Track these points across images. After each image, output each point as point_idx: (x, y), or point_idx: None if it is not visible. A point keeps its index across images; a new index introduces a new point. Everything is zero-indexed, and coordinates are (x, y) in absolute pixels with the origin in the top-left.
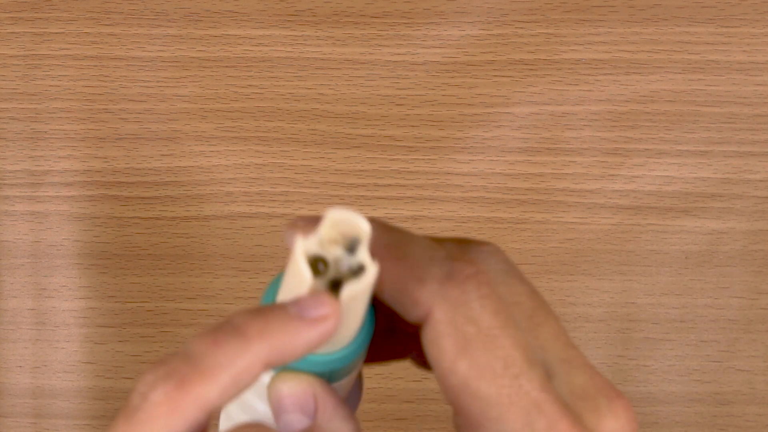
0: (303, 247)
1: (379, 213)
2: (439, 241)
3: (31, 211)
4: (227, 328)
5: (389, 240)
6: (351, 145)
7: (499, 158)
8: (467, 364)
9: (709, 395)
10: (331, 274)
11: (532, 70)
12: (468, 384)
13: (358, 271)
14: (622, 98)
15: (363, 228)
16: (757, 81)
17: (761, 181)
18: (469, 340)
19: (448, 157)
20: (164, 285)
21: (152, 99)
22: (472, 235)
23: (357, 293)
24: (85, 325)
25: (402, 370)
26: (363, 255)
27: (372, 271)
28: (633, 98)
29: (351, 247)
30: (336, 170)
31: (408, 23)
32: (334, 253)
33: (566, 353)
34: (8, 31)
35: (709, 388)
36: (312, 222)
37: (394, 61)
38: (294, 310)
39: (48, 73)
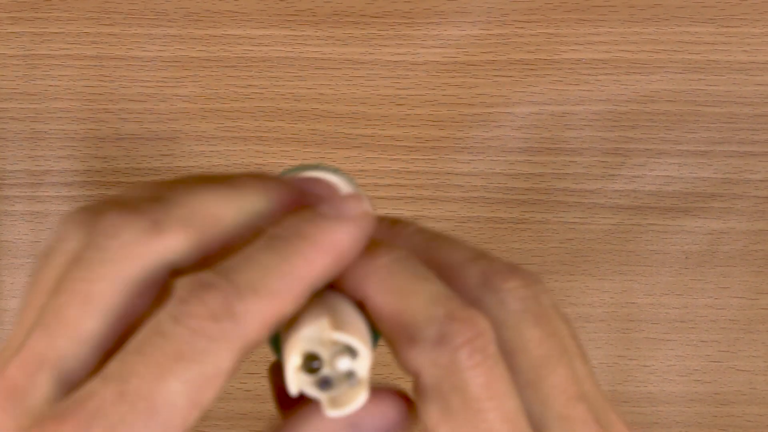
0: (299, 348)
1: (379, 213)
2: (472, 259)
3: (31, 211)
4: None
5: (393, 285)
6: (351, 145)
7: (499, 158)
8: (449, 430)
9: (710, 395)
10: (324, 371)
11: (532, 69)
12: None
13: (350, 376)
14: (623, 98)
15: (362, 354)
16: (758, 81)
17: (762, 181)
18: (453, 409)
19: (448, 157)
20: None
21: (152, 99)
22: (472, 235)
23: (340, 414)
24: None
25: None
26: (360, 372)
27: (360, 400)
28: (633, 98)
29: (352, 350)
30: None
31: (408, 23)
32: (333, 349)
33: (567, 409)
34: (8, 30)
35: (710, 388)
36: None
37: (395, 61)
38: None
39: (48, 73)
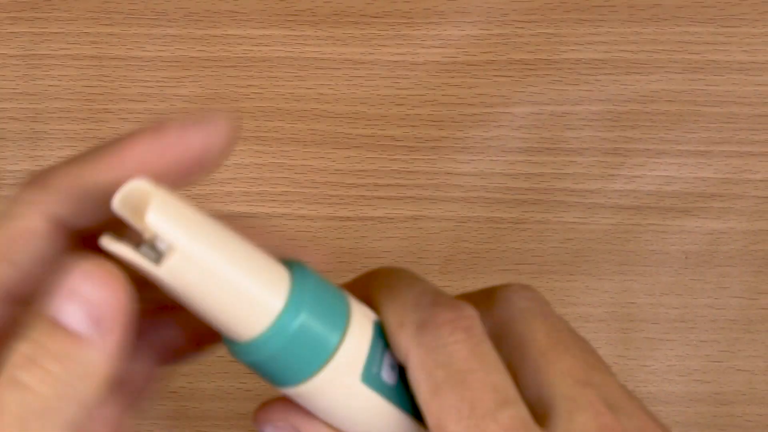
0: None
1: (379, 213)
2: (468, 294)
3: None
4: None
5: (388, 284)
6: (351, 145)
7: (499, 158)
8: (438, 405)
9: (710, 395)
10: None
11: (532, 69)
12: (440, 424)
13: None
14: (623, 98)
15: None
16: (758, 81)
17: (761, 181)
18: (439, 383)
19: (448, 157)
20: None
21: (152, 99)
22: (472, 235)
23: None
24: None
25: None
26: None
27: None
28: (633, 98)
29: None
30: (336, 170)
31: (408, 23)
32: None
33: (574, 391)
34: (8, 30)
35: (710, 388)
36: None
37: (394, 61)
38: None
39: (48, 72)
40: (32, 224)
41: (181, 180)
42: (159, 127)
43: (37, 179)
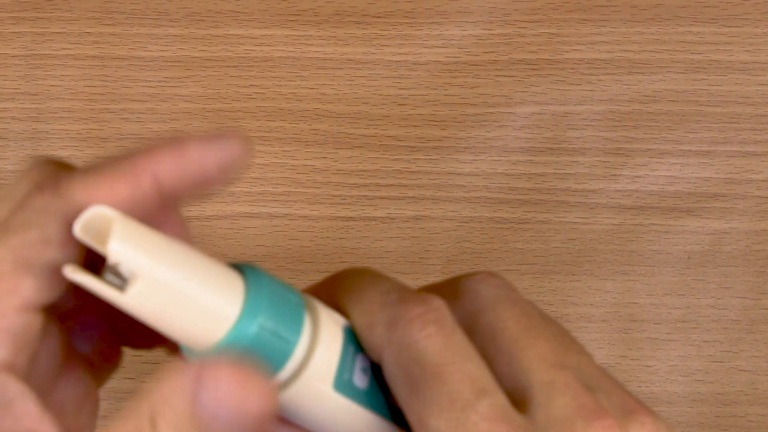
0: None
1: (381, 213)
2: (435, 284)
3: None
4: None
5: (352, 286)
6: (353, 145)
7: (501, 158)
8: (417, 402)
9: (712, 396)
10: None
11: (534, 69)
12: (421, 420)
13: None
14: (625, 98)
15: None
16: (760, 81)
17: (764, 180)
18: (416, 380)
19: (450, 157)
20: None
21: (154, 99)
22: (474, 235)
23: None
24: None
25: None
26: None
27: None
28: (635, 98)
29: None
30: (338, 170)
31: (410, 23)
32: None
33: (550, 375)
34: (9, 30)
35: (712, 388)
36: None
37: (397, 61)
38: None
39: (49, 72)
40: (48, 233)
41: (193, 196)
42: (179, 143)
43: (50, 184)
